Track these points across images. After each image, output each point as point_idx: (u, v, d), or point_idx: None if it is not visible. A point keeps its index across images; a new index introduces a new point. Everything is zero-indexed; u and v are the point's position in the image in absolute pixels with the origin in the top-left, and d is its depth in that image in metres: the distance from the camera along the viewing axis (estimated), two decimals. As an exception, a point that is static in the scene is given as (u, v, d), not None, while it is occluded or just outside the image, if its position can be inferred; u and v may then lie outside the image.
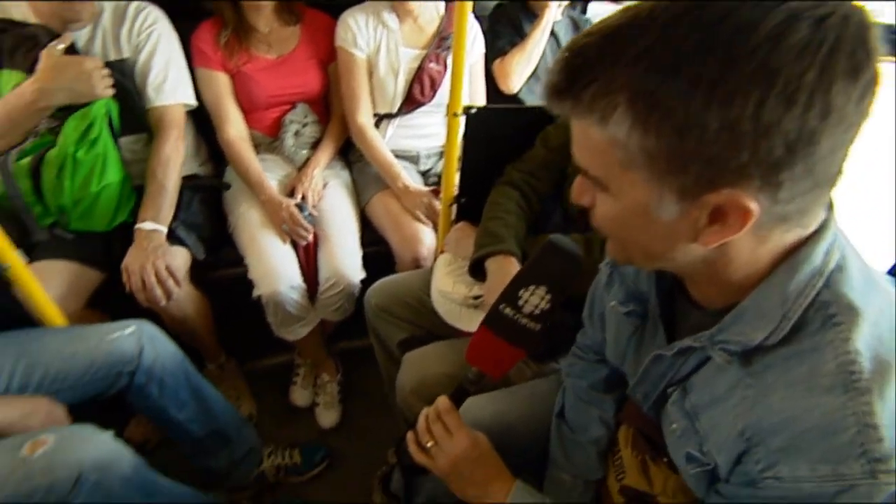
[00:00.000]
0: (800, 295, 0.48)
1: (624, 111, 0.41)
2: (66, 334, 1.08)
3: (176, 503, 1.06)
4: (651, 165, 0.43)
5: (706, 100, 0.38)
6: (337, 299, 1.43)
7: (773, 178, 0.41)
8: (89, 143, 1.20)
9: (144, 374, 1.09)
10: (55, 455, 0.84)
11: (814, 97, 0.38)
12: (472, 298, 1.09)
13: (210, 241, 1.43)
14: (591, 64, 0.42)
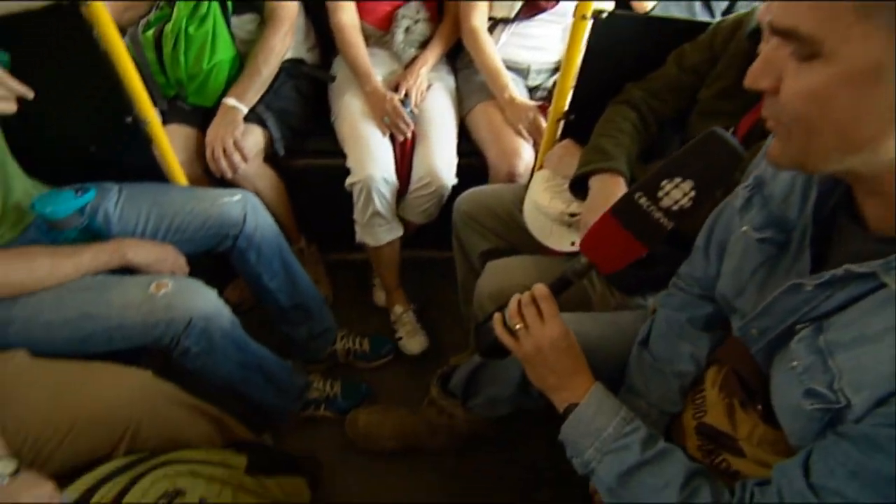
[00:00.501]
0: None
1: None
2: (187, 192, 1.19)
3: (261, 360, 1.19)
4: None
5: None
6: (426, 200, 1.44)
7: None
8: (199, 18, 1.24)
9: (245, 240, 1.19)
10: (174, 298, 0.96)
11: None
12: (568, 216, 1.04)
13: (297, 128, 1.47)
14: None
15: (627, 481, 0.63)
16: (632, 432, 0.65)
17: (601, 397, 0.70)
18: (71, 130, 0.99)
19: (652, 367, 0.81)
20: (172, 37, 1.23)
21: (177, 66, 1.27)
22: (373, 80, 1.41)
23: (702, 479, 0.61)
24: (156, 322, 0.95)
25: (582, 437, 0.68)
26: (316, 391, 1.39)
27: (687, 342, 0.79)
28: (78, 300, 0.92)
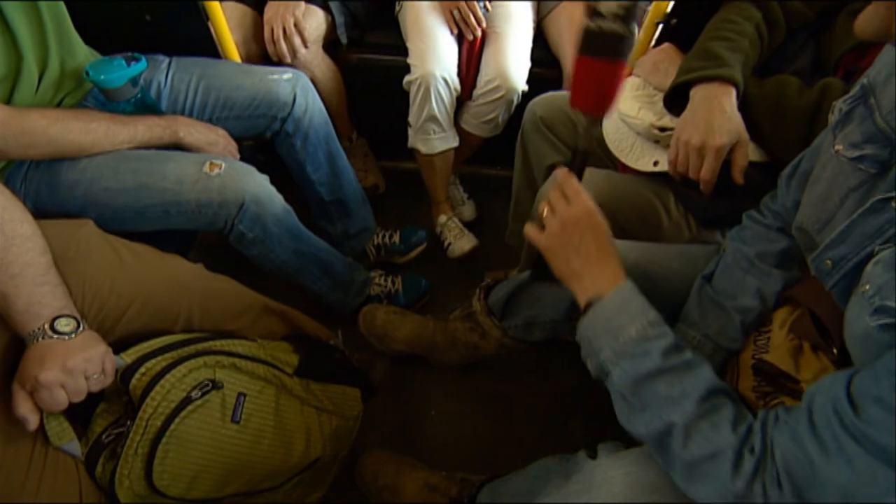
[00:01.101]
0: None
1: None
2: (236, 67, 1.15)
3: (318, 251, 1.18)
4: None
5: None
6: (493, 108, 1.32)
7: None
8: None
9: (293, 123, 1.14)
10: (227, 178, 0.95)
11: None
12: (658, 130, 0.90)
13: (361, 17, 1.37)
14: None
15: (641, 389, 0.56)
16: (656, 338, 0.57)
17: (628, 296, 0.62)
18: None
19: (711, 300, 0.74)
20: None
21: None
22: (442, -30, 1.25)
23: (724, 398, 0.54)
24: (209, 201, 0.94)
25: (599, 336, 0.61)
26: (377, 287, 1.36)
27: (754, 277, 0.71)
28: (134, 169, 0.93)
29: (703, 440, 0.51)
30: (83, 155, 0.91)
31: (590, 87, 0.64)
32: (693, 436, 0.52)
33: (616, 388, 0.59)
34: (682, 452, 0.52)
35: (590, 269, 0.64)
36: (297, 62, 1.27)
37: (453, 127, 1.40)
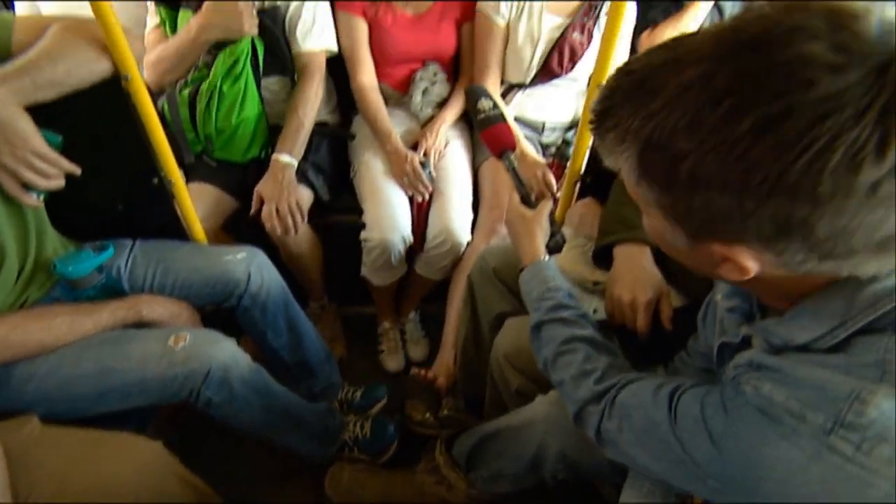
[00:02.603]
0: (870, 307, 0.45)
1: (634, 161, 0.45)
2: (194, 249, 1.21)
3: (287, 406, 1.17)
4: (657, 205, 0.47)
5: (695, 186, 0.41)
6: (442, 258, 1.45)
7: (772, 246, 0.42)
8: (233, 77, 1.30)
9: (250, 298, 1.18)
10: (192, 350, 0.96)
11: (786, 199, 0.38)
12: (592, 283, 1.02)
13: (332, 186, 1.51)
14: (615, 110, 0.45)
15: (537, 332, 0.81)
16: (547, 299, 0.82)
17: (538, 268, 0.86)
18: (101, 191, 1.03)
19: None
20: (207, 94, 1.30)
21: (208, 121, 1.33)
22: (393, 139, 1.46)
23: (580, 345, 0.75)
24: (174, 375, 0.94)
25: (524, 297, 0.87)
26: (347, 432, 1.34)
27: None
28: (97, 354, 0.93)
29: (557, 371, 0.76)
30: (45, 353, 0.91)
31: (494, 142, 0.94)
32: (554, 367, 0.77)
33: (530, 333, 0.83)
34: (553, 377, 0.77)
35: (520, 244, 0.91)
36: (289, 238, 1.38)
37: (404, 262, 1.51)
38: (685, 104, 0.39)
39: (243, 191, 1.42)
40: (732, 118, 0.37)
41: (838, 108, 0.35)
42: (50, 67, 0.82)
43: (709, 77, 0.38)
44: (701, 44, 0.40)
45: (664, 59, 0.42)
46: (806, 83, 0.35)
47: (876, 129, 0.34)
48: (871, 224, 0.38)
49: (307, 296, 1.67)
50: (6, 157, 0.78)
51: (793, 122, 0.36)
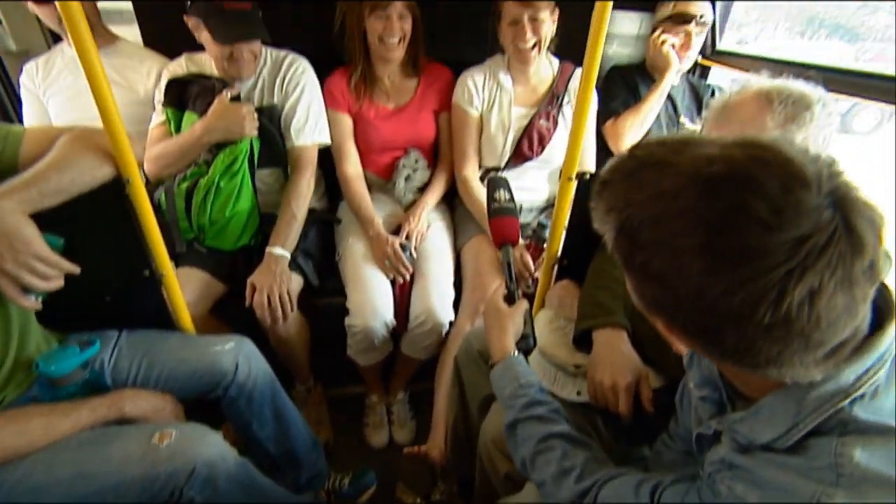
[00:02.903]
0: (816, 409, 0.49)
1: (612, 234, 0.51)
2: (181, 340, 1.21)
3: (271, 499, 1.12)
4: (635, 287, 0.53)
5: (677, 311, 0.49)
6: (425, 337, 1.48)
7: (740, 360, 0.48)
8: (231, 174, 1.39)
9: (237, 388, 1.18)
10: (177, 447, 0.93)
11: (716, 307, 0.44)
12: (574, 367, 1.05)
13: (321, 271, 1.56)
14: (612, 184, 0.51)
15: (513, 431, 0.83)
16: (521, 396, 0.84)
17: (509, 364, 0.89)
18: (92, 283, 1.02)
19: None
20: (205, 188, 1.38)
21: (203, 213, 1.39)
22: (376, 225, 1.53)
23: (556, 442, 0.77)
24: (156, 475, 0.90)
25: (497, 393, 0.89)
26: None
27: None
28: (73, 458, 0.89)
29: (537, 471, 0.77)
30: (18, 458, 0.88)
31: (499, 234, 1.01)
32: (533, 467, 0.77)
33: (505, 432, 0.85)
34: (533, 476, 0.78)
35: (491, 338, 0.94)
36: (279, 325, 1.41)
37: (389, 341, 1.53)
38: (656, 207, 0.46)
39: (232, 276, 1.46)
40: (683, 234, 0.44)
41: (758, 257, 0.42)
42: (56, 177, 0.88)
43: (677, 194, 0.45)
44: (690, 159, 0.47)
45: (659, 160, 0.48)
46: (739, 230, 0.42)
47: (777, 283, 0.41)
48: (816, 342, 0.44)
49: (293, 378, 1.66)
50: (9, 264, 0.82)
51: (724, 256, 0.43)
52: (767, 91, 0.85)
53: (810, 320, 0.42)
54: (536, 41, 1.46)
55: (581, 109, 1.09)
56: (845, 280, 0.41)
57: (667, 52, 1.68)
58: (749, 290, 0.42)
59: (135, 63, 1.56)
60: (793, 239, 0.41)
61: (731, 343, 0.46)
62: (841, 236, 0.41)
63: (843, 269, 0.41)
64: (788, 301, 0.41)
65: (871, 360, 0.48)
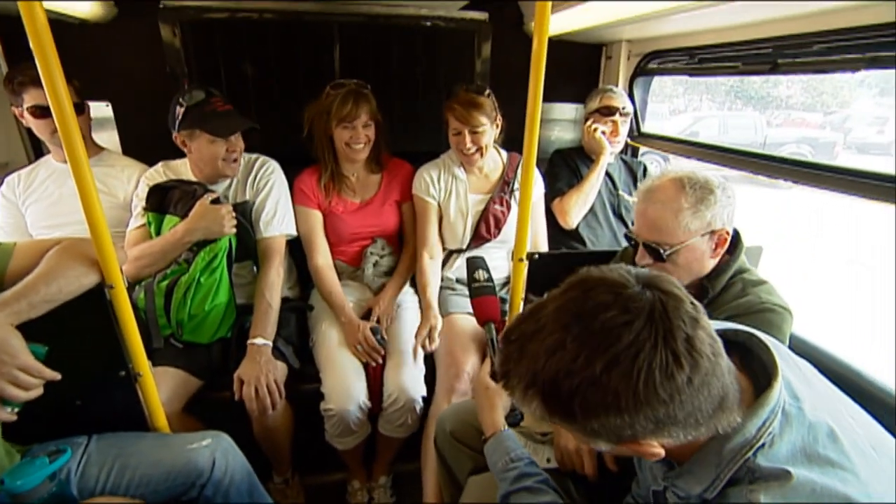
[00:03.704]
0: (731, 461, 0.59)
1: (542, 408, 0.59)
2: (155, 440, 1.19)
3: None
4: (573, 430, 0.61)
5: (587, 420, 0.56)
6: (400, 415, 1.52)
7: (660, 436, 0.58)
8: (211, 269, 1.47)
9: (213, 487, 1.16)
10: None
11: (645, 405, 0.54)
12: (540, 435, 1.13)
13: (299, 355, 1.60)
14: (512, 373, 0.61)
15: (506, 500, 0.90)
16: (512, 469, 0.92)
17: (501, 439, 0.98)
18: (65, 387, 1.02)
19: None
20: (185, 285, 1.44)
21: (182, 308, 1.44)
22: (347, 311, 1.61)
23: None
24: None
25: (491, 467, 0.97)
26: None
27: None
28: None
29: None
30: None
31: (482, 313, 1.12)
32: None
33: (500, 500, 0.91)
34: None
35: (482, 415, 1.03)
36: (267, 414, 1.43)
37: (367, 424, 1.56)
38: (557, 362, 0.56)
39: (208, 370, 1.49)
40: (589, 365, 0.54)
41: (641, 344, 0.53)
42: (45, 288, 0.94)
43: (563, 342, 0.56)
44: (552, 315, 0.58)
45: (532, 330, 0.59)
46: (616, 338, 0.54)
47: (666, 347, 0.53)
48: (704, 398, 0.55)
49: (270, 471, 1.63)
50: None
51: (621, 362, 0.53)
52: (681, 178, 1.04)
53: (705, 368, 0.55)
54: (477, 148, 1.65)
55: (524, 194, 1.26)
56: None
57: (599, 138, 1.92)
58: (653, 370, 0.53)
59: (116, 171, 1.66)
60: (644, 321, 0.54)
61: (681, 415, 0.55)
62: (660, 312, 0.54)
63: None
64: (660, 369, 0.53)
65: (766, 412, 0.59)
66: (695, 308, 0.57)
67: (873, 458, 0.60)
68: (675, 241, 1.01)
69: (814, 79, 17.32)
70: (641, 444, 0.59)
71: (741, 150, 1.59)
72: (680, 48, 1.79)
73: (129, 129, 1.90)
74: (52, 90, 0.90)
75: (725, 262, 1.07)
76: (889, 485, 0.58)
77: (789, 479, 0.56)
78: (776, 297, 1.02)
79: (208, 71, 1.88)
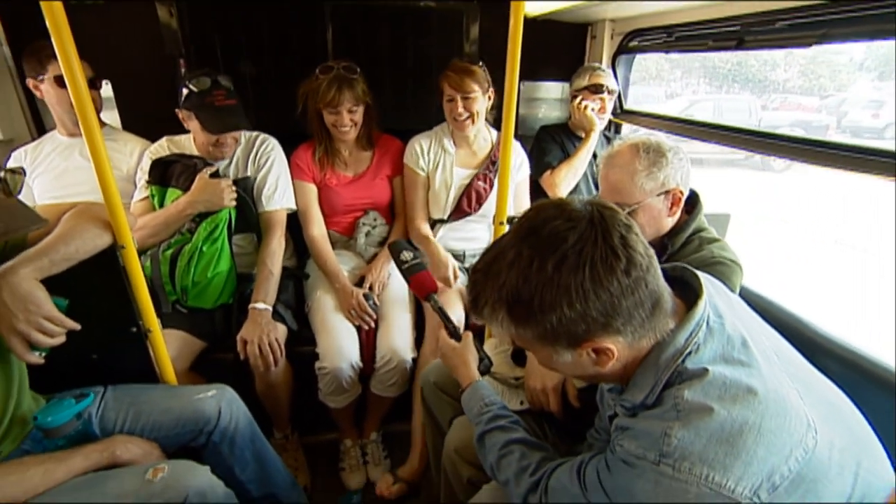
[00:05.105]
0: (665, 367, 0.69)
1: (508, 321, 0.69)
2: (165, 391, 1.30)
3: None
4: (537, 341, 0.70)
5: (545, 314, 0.65)
6: (391, 375, 1.62)
7: (611, 329, 0.67)
8: (213, 239, 1.56)
9: (220, 434, 1.26)
10: (170, 480, 1.02)
11: (592, 294, 0.63)
12: (514, 379, 1.25)
13: (298, 318, 1.71)
14: (479, 298, 0.71)
15: (481, 442, 0.99)
16: (486, 413, 1.01)
17: (475, 387, 1.07)
18: (82, 341, 1.10)
19: None
20: (189, 254, 1.53)
21: (186, 276, 1.54)
22: (341, 278, 1.71)
23: (516, 447, 0.93)
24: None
25: (467, 414, 1.06)
26: None
27: None
28: (72, 498, 0.98)
29: (502, 472, 0.93)
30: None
31: (420, 287, 1.19)
32: (498, 469, 0.93)
33: (475, 444, 1.01)
34: (499, 477, 0.94)
35: (456, 373, 1.12)
36: (269, 371, 1.53)
37: (357, 384, 1.66)
38: (516, 271, 0.66)
39: (212, 333, 1.60)
40: (542, 267, 0.64)
41: (584, 242, 0.64)
42: (63, 247, 1.03)
43: (520, 253, 0.66)
44: (509, 238, 0.69)
45: (493, 256, 0.70)
46: (563, 240, 0.64)
47: (605, 244, 0.64)
48: (642, 294, 0.65)
49: (271, 427, 1.75)
50: (21, 324, 0.94)
51: (568, 258, 0.63)
52: (636, 143, 1.14)
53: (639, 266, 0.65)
54: (469, 115, 1.74)
55: (504, 161, 1.37)
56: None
57: (590, 115, 2.00)
58: (594, 264, 0.63)
59: (119, 146, 1.74)
60: (586, 225, 0.64)
61: (624, 307, 0.65)
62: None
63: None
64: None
65: (692, 325, 0.70)
66: (627, 219, 0.67)
67: (775, 362, 0.71)
68: (633, 200, 1.11)
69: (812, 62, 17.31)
70: (596, 342, 0.68)
71: (718, 124, 1.67)
72: (658, 26, 1.86)
73: (129, 107, 1.97)
74: (66, 65, 0.99)
75: (684, 221, 1.17)
76: (782, 379, 0.69)
77: (706, 375, 0.66)
78: (729, 252, 1.12)
79: (205, 50, 1.95)
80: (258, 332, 1.50)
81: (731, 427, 0.63)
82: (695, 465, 0.62)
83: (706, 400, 0.65)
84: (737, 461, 0.61)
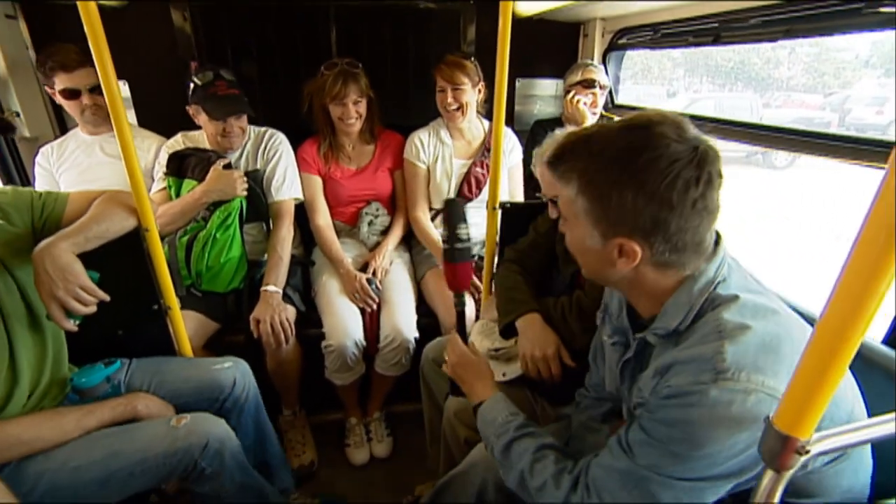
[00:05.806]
0: (700, 294, 0.76)
1: (576, 183, 0.75)
2: (185, 363, 1.43)
3: (261, 488, 1.32)
4: (586, 215, 0.76)
5: (612, 190, 0.72)
6: (395, 354, 1.73)
7: (649, 238, 0.73)
8: (225, 227, 1.67)
9: (232, 401, 1.38)
10: (192, 426, 1.16)
11: (657, 199, 0.69)
12: (493, 351, 1.35)
13: (305, 301, 1.82)
14: (565, 154, 0.77)
15: (507, 452, 0.94)
16: (512, 420, 0.96)
17: (497, 399, 1.02)
18: (109, 318, 1.21)
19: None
20: (203, 240, 1.65)
21: (200, 261, 1.66)
22: (345, 264, 1.83)
23: (549, 451, 0.90)
24: (175, 450, 1.11)
25: (485, 426, 1.00)
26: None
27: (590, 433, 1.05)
28: (105, 442, 1.10)
29: (535, 477, 0.88)
30: (54, 448, 1.07)
31: (454, 279, 1.11)
32: (531, 474, 0.88)
33: (497, 456, 0.95)
34: (532, 483, 0.88)
35: (472, 387, 1.08)
36: (280, 349, 1.65)
37: (361, 362, 1.76)
38: (614, 150, 0.72)
39: (224, 315, 1.71)
40: (636, 152, 0.71)
41: (679, 159, 0.69)
42: (95, 227, 1.14)
43: (624, 137, 0.72)
44: (620, 123, 0.75)
45: (598, 128, 0.76)
46: (665, 145, 0.70)
47: (695, 171, 0.70)
48: (693, 227, 0.71)
49: (279, 405, 1.86)
50: (60, 291, 1.06)
51: (660, 161, 0.69)
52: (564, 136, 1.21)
53: (706, 206, 0.70)
54: (459, 105, 1.85)
55: (496, 147, 1.49)
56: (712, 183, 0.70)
57: (582, 109, 2.10)
58: (677, 179, 0.68)
59: (137, 142, 1.84)
60: (691, 148, 0.70)
61: (672, 227, 0.70)
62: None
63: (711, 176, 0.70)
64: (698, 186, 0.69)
65: (720, 258, 0.78)
66: (721, 170, 0.73)
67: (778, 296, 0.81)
68: None
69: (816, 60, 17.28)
70: (629, 241, 0.73)
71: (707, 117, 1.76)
72: (645, 24, 1.96)
73: (144, 107, 2.10)
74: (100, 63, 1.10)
75: None
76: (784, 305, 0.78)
77: (738, 299, 0.74)
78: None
79: (216, 52, 2.07)
80: (270, 311, 1.61)
81: (771, 339, 0.70)
82: (751, 374, 0.67)
83: (743, 319, 0.72)
84: (782, 366, 0.68)
